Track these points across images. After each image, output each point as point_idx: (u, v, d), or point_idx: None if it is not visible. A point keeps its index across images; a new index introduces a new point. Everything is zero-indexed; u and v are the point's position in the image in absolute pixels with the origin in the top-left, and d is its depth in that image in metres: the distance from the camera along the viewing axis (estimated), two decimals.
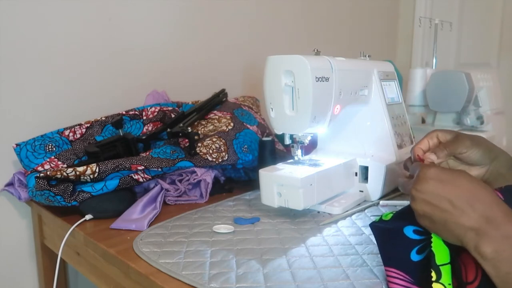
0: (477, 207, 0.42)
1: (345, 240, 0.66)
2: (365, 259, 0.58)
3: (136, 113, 1.02)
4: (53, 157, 0.85)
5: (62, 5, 1.00)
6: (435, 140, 0.59)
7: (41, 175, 0.74)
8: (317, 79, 0.69)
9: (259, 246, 0.63)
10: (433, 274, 0.44)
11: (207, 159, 0.88)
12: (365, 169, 0.85)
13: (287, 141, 0.78)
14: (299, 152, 0.80)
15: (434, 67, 1.39)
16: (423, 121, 1.41)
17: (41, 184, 0.74)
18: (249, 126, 1.03)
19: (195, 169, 0.87)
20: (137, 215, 0.75)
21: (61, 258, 0.77)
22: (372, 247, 0.62)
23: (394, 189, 0.88)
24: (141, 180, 0.82)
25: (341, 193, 0.84)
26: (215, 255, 0.60)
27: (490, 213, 0.42)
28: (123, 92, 1.13)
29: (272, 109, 0.74)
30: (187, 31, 1.26)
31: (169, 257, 0.60)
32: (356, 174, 0.85)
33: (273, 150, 0.94)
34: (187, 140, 0.91)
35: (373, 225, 0.53)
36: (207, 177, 0.87)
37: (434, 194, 0.45)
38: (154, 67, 1.19)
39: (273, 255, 0.60)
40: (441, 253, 0.45)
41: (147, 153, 0.85)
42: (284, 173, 0.73)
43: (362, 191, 0.85)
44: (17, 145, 0.85)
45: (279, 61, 0.71)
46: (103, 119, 0.96)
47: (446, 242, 0.46)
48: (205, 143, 0.90)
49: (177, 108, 1.08)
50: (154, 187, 0.84)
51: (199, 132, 0.98)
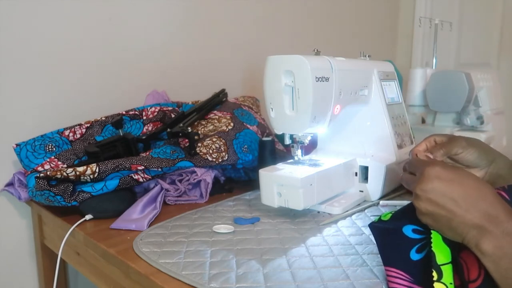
0: (481, 205, 0.43)
1: (345, 240, 0.66)
2: (365, 259, 0.58)
3: (136, 113, 1.02)
4: (53, 157, 0.85)
5: (62, 5, 1.00)
6: (433, 143, 0.60)
7: (41, 175, 0.74)
8: (317, 79, 0.69)
9: (259, 246, 0.63)
10: (434, 274, 0.44)
11: (207, 159, 0.88)
12: (365, 169, 0.85)
13: (287, 141, 0.78)
14: (299, 152, 0.80)
15: (434, 67, 1.39)
16: (423, 121, 1.41)
17: (41, 184, 0.74)
18: (249, 126, 1.03)
19: (195, 169, 0.87)
20: (137, 215, 0.75)
21: (61, 258, 0.77)
22: (372, 247, 0.62)
23: (394, 189, 0.89)
24: (141, 180, 0.82)
25: (341, 193, 0.84)
26: (215, 255, 0.60)
27: (492, 211, 0.42)
28: (123, 92, 1.13)
29: (272, 109, 0.74)
30: (187, 31, 1.26)
31: (169, 257, 0.60)
32: (356, 174, 0.85)
33: (273, 150, 0.94)
34: (187, 140, 0.91)
35: (372, 226, 0.53)
36: (207, 177, 0.87)
37: (439, 193, 0.45)
38: (154, 67, 1.19)
39: (273, 255, 0.60)
40: (441, 252, 0.45)
41: (147, 153, 0.85)
42: (284, 173, 0.73)
43: (362, 191, 0.85)
44: (17, 145, 0.85)
45: (279, 61, 0.71)
46: (103, 119, 0.96)
47: (446, 241, 0.46)
48: (205, 143, 0.90)
49: (177, 108, 1.08)
50: (154, 187, 0.84)
51: (199, 132, 0.98)
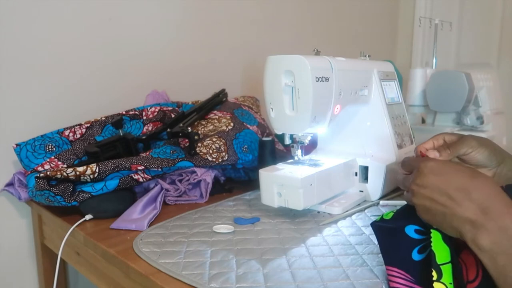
0: (475, 198, 0.42)
1: (345, 240, 0.65)
2: (365, 259, 0.58)
3: (136, 113, 1.02)
4: (53, 157, 0.85)
5: (62, 5, 1.00)
6: (441, 142, 0.58)
7: (41, 175, 0.74)
8: (317, 79, 0.69)
9: (259, 246, 0.63)
10: (434, 273, 0.44)
11: (207, 159, 0.88)
12: (365, 169, 0.85)
13: (287, 141, 0.78)
14: (299, 152, 0.80)
15: (434, 67, 1.39)
16: (423, 121, 1.41)
17: (41, 184, 0.74)
18: (249, 126, 1.02)
19: (195, 169, 0.87)
20: (137, 215, 0.75)
21: (61, 258, 0.77)
22: (372, 247, 0.62)
23: (394, 189, 0.88)
24: (141, 180, 0.82)
25: (341, 193, 0.84)
26: (215, 255, 0.60)
27: (487, 204, 0.41)
28: (123, 92, 1.13)
29: (272, 109, 0.74)
30: (187, 31, 1.26)
31: (169, 257, 0.60)
32: (356, 174, 0.85)
33: (273, 150, 0.94)
34: (187, 140, 0.91)
35: (374, 224, 0.53)
36: (207, 177, 0.87)
37: (432, 187, 0.44)
38: (154, 67, 1.19)
39: (273, 255, 0.60)
40: (441, 252, 0.45)
41: (147, 153, 0.85)
42: (284, 173, 0.73)
43: (362, 191, 0.85)
44: (17, 145, 0.85)
45: (279, 61, 0.71)
46: (103, 119, 0.96)
47: (446, 241, 0.46)
48: (205, 143, 0.90)
49: (177, 108, 1.08)
50: (154, 187, 0.84)
51: (199, 132, 0.98)
